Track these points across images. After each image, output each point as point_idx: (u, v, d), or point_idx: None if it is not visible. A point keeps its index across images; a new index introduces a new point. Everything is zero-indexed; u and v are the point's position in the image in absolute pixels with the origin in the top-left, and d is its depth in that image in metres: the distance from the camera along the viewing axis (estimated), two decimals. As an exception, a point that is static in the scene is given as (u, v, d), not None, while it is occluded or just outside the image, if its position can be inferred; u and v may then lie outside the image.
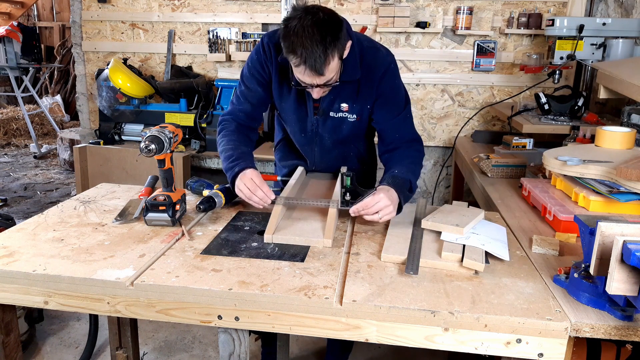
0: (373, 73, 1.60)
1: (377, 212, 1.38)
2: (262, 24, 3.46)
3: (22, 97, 6.34)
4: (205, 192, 1.59)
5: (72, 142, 5.21)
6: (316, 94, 1.53)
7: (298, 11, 1.40)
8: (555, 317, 1.00)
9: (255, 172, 1.50)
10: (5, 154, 6.22)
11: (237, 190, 1.49)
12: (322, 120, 1.70)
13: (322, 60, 1.37)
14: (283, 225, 1.41)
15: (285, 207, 1.48)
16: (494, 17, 3.29)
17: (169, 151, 1.41)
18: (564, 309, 1.03)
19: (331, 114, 1.68)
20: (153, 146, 1.35)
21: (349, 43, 1.49)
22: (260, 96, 1.69)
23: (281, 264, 1.20)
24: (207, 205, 1.50)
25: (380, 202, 1.37)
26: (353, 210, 1.40)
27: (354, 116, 1.67)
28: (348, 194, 1.50)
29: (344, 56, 1.49)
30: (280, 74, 1.64)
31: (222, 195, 1.55)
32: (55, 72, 8.08)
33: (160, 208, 1.41)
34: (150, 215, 1.41)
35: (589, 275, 1.05)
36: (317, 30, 1.35)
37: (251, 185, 1.45)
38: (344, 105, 1.66)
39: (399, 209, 1.45)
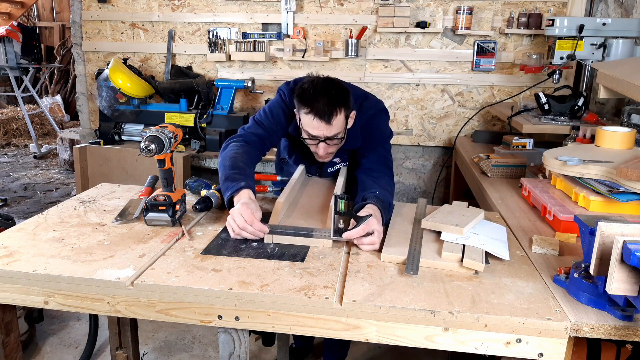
0: (369, 135, 1.73)
1: (369, 242, 1.30)
2: (262, 24, 3.47)
3: (22, 97, 6.34)
4: (204, 192, 1.59)
5: (72, 142, 5.21)
6: (322, 150, 1.63)
7: (312, 77, 1.62)
8: (555, 317, 1.00)
9: (245, 206, 1.34)
10: (5, 154, 6.22)
11: (227, 223, 1.36)
12: (320, 173, 1.87)
13: (330, 110, 1.53)
14: (283, 225, 1.41)
15: (285, 207, 1.48)
16: (494, 17, 3.29)
17: (169, 151, 1.41)
18: (564, 309, 1.03)
19: (329, 170, 1.85)
20: (153, 146, 1.35)
21: (353, 113, 1.66)
22: (276, 131, 1.75)
23: (281, 264, 1.20)
24: (204, 205, 1.50)
25: (374, 235, 1.30)
26: (346, 237, 1.29)
27: (344, 164, 1.83)
28: (342, 222, 1.33)
29: (349, 126, 1.65)
30: (294, 128, 1.74)
31: (219, 195, 1.55)
32: (55, 72, 8.08)
33: (161, 208, 1.41)
34: (151, 215, 1.41)
35: (589, 275, 1.05)
36: (328, 87, 1.56)
37: (240, 222, 1.32)
38: (336, 160, 1.81)
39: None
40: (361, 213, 1.34)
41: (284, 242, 1.33)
